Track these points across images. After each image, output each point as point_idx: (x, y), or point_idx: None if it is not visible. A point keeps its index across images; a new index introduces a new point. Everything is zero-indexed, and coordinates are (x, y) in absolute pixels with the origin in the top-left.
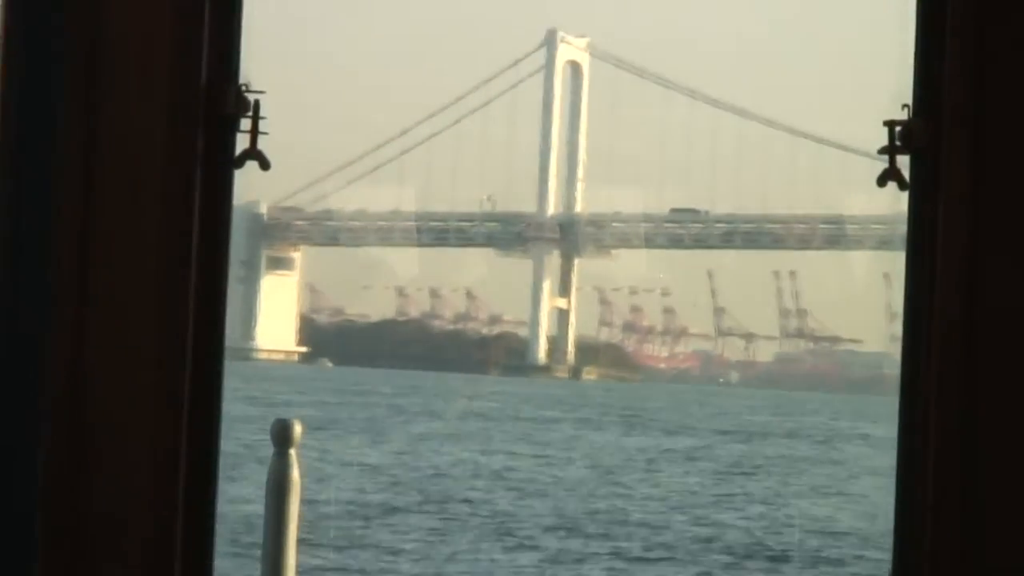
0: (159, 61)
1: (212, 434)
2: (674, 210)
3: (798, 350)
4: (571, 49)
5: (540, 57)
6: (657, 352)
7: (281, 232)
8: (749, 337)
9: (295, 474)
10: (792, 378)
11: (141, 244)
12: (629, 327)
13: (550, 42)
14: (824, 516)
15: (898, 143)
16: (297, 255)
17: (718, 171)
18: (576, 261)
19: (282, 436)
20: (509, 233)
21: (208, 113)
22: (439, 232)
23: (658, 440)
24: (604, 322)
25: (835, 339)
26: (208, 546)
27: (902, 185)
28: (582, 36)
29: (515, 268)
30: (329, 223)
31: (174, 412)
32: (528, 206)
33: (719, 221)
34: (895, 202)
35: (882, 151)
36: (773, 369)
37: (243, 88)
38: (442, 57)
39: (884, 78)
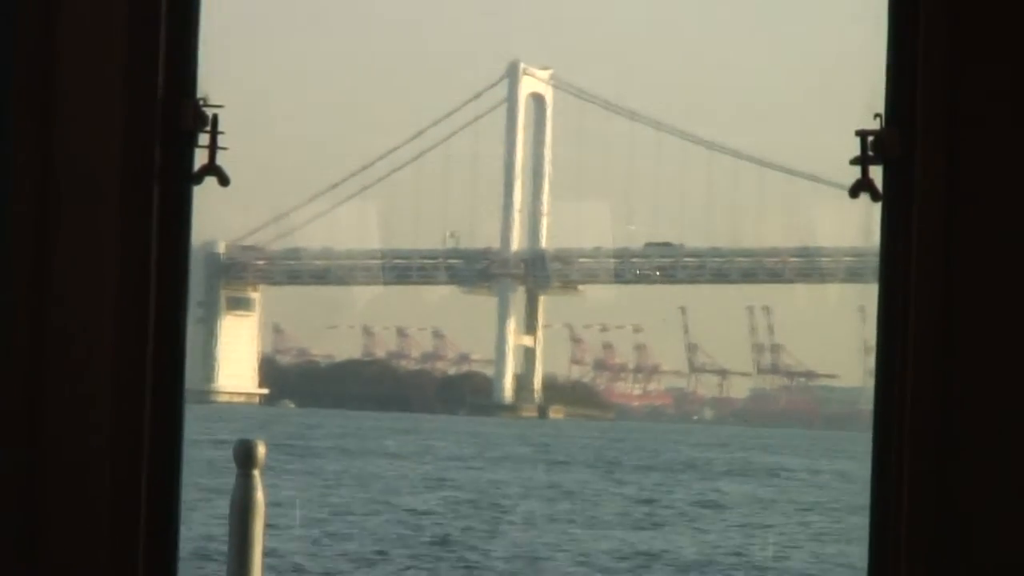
0: (114, 75)
1: (173, 465)
2: (649, 244)
3: (773, 386)
4: (534, 81)
5: (502, 89)
6: (629, 390)
7: (239, 272)
8: (723, 373)
9: (259, 495)
10: (767, 415)
11: (99, 263)
12: (600, 365)
13: (512, 74)
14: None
15: (871, 153)
16: (256, 295)
17: (687, 204)
18: (542, 298)
19: (246, 457)
20: (473, 270)
21: (165, 128)
22: (402, 269)
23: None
24: (575, 360)
25: (810, 374)
26: None
27: (875, 196)
28: (545, 68)
29: (482, 305)
30: (289, 262)
31: (134, 444)
32: (492, 242)
33: (692, 255)
34: (868, 234)
35: (854, 161)
36: (748, 406)
37: (201, 102)
38: (402, 90)
39: (856, 101)
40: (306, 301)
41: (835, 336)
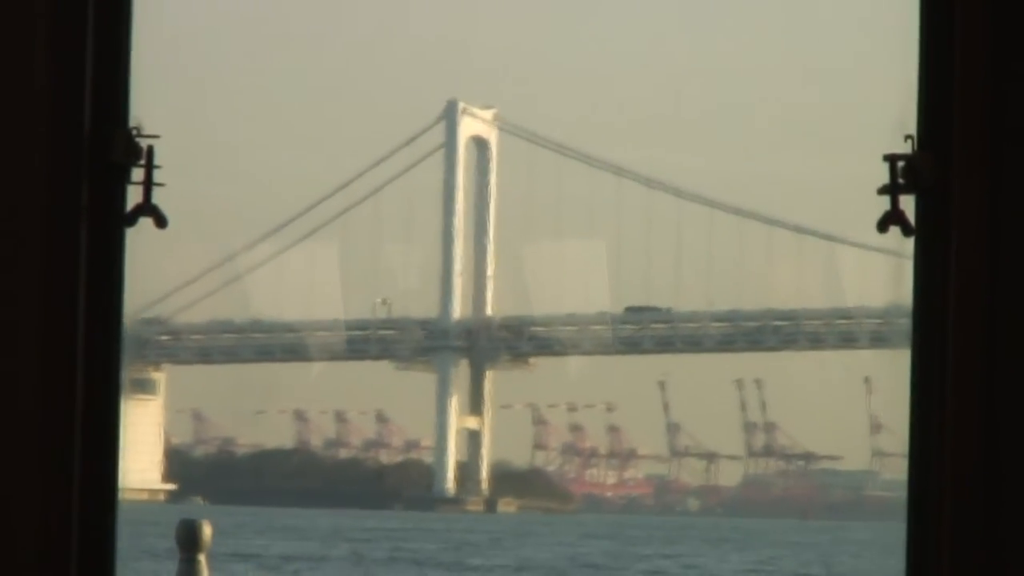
0: (35, 101)
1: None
2: (631, 308)
3: (767, 471)
4: (475, 122)
5: (439, 132)
6: (602, 478)
7: (140, 349)
8: (710, 457)
9: None
10: (761, 504)
11: (19, 319)
12: (569, 449)
13: (450, 115)
14: None
15: (901, 181)
16: (160, 376)
17: (654, 262)
18: (489, 373)
19: (189, 539)
20: (408, 342)
21: (94, 162)
22: (328, 343)
23: None
24: (539, 445)
25: (809, 456)
26: None
27: (907, 230)
28: (487, 107)
29: (422, 383)
30: (196, 337)
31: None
32: (430, 310)
33: (686, 320)
34: (892, 291)
35: (883, 190)
36: (739, 494)
37: (134, 132)
38: (325, 136)
39: (883, 121)
40: (228, 382)
41: (837, 411)
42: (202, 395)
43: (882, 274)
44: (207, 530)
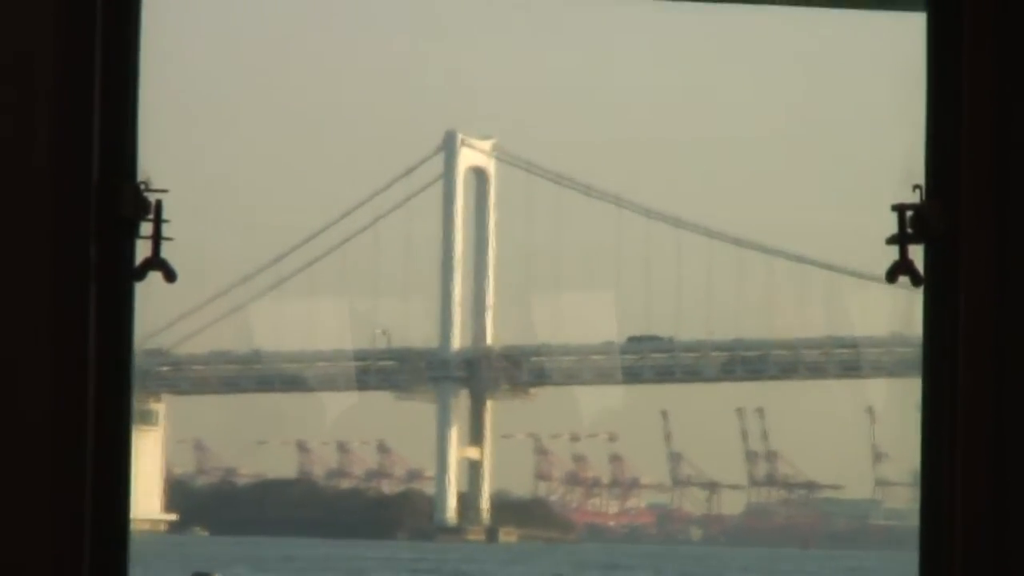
0: (42, 156)
1: None
2: (632, 339)
3: (769, 500)
4: (474, 153)
5: (438, 163)
6: (604, 508)
7: (140, 380)
8: (711, 487)
9: None
10: (763, 533)
11: (29, 375)
12: (572, 479)
13: (449, 146)
14: None
15: (910, 230)
16: (160, 407)
17: (654, 292)
18: (489, 403)
19: None
20: (408, 372)
21: (102, 216)
22: (325, 375)
23: None
24: (541, 475)
25: (812, 486)
26: None
27: (916, 280)
28: (486, 138)
29: (423, 414)
30: (196, 367)
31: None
32: (429, 340)
33: (681, 350)
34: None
35: (891, 240)
36: (741, 523)
37: (142, 186)
38: (323, 167)
39: (891, 171)
40: (229, 413)
41: (839, 441)
42: (203, 425)
43: (884, 303)
44: None
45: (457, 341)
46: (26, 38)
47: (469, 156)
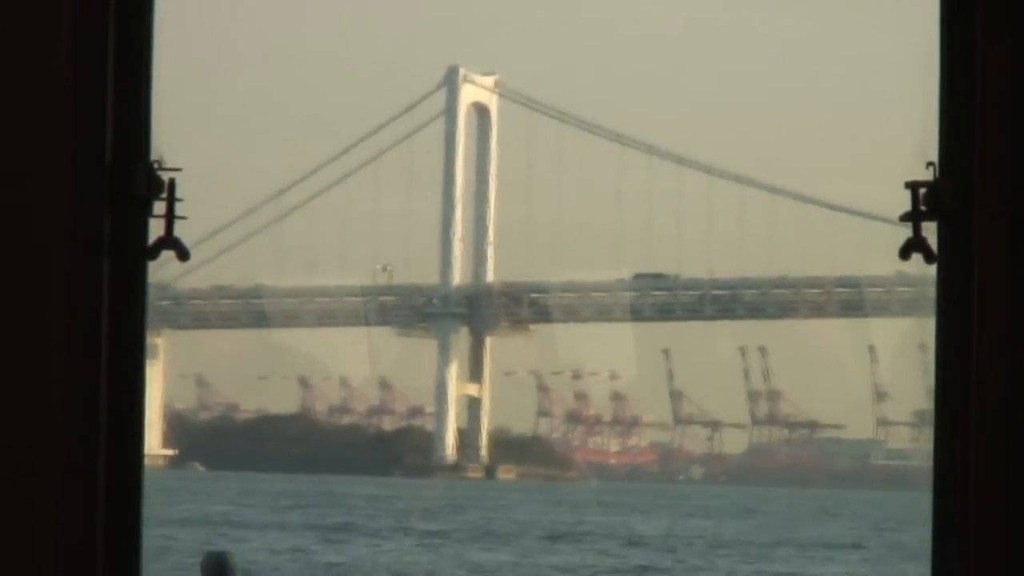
0: (56, 135)
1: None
2: (639, 275)
3: (771, 439)
4: (476, 89)
5: (440, 99)
6: (606, 446)
7: None
8: (713, 425)
9: None
10: (765, 472)
11: (42, 354)
12: (573, 417)
13: (451, 82)
14: None
15: (923, 208)
16: (160, 341)
17: (655, 230)
18: (488, 340)
19: (216, 571)
20: (409, 308)
21: (115, 195)
22: (326, 310)
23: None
24: (543, 412)
25: (813, 425)
26: None
27: (928, 256)
28: (488, 74)
29: (422, 349)
30: (196, 302)
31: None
32: (430, 277)
33: (682, 288)
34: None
35: (905, 217)
36: (743, 462)
37: (155, 165)
38: (325, 101)
39: (904, 147)
40: (230, 348)
41: (841, 380)
42: (204, 360)
43: (886, 244)
44: (234, 561)
45: (457, 277)
46: (40, 16)
47: (471, 92)
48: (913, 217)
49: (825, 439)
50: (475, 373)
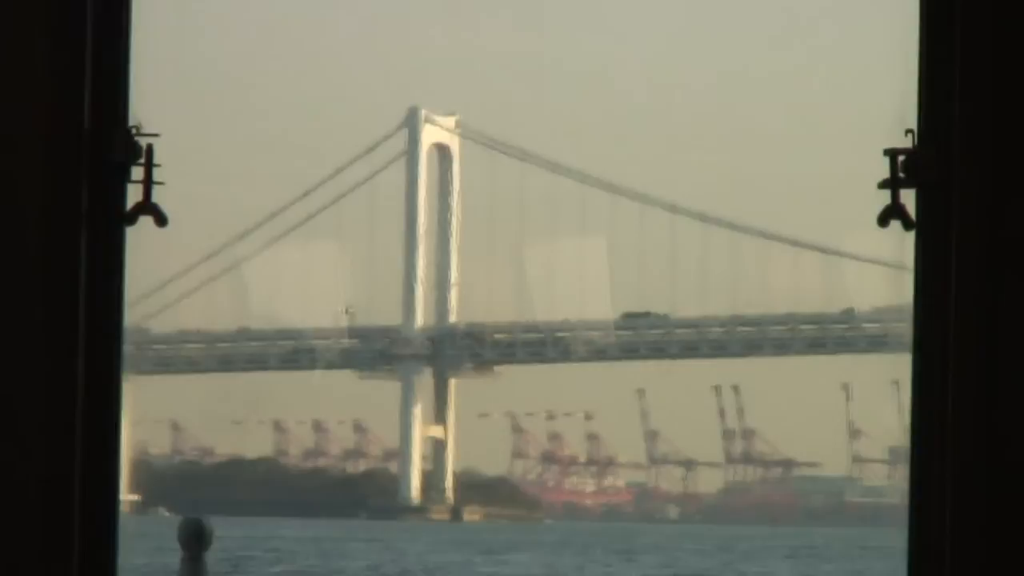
0: (32, 99)
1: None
2: (628, 315)
3: (747, 478)
4: (437, 130)
5: (401, 140)
6: (582, 486)
7: None
8: (688, 464)
9: None
10: (740, 511)
11: (21, 316)
12: (548, 457)
13: (412, 122)
14: None
15: (902, 175)
16: (124, 386)
17: (617, 267)
18: (452, 381)
19: (193, 538)
20: (372, 351)
21: (93, 161)
22: (288, 354)
23: None
24: (518, 453)
25: (788, 463)
26: None
27: (907, 223)
28: (450, 114)
29: (393, 393)
30: (157, 347)
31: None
32: (393, 318)
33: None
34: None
35: (883, 184)
36: (718, 501)
37: (133, 131)
38: (286, 143)
39: (882, 115)
40: (199, 392)
41: (815, 418)
42: (174, 405)
43: (864, 282)
44: (210, 528)
45: (420, 318)
46: None
47: (432, 133)
48: (892, 184)
49: (800, 477)
50: (440, 415)
